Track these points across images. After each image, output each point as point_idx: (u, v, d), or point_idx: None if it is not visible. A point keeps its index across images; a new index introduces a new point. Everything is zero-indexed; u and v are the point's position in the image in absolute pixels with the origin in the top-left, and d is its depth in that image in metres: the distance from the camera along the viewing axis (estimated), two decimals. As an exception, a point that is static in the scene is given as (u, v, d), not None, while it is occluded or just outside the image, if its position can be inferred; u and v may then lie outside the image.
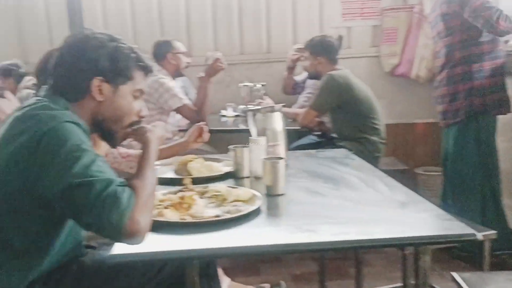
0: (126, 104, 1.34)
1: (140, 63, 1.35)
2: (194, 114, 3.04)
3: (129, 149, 2.14)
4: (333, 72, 2.90)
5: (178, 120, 3.29)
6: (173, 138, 3.01)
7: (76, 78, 1.28)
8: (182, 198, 1.38)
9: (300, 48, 3.40)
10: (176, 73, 3.28)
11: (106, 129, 1.35)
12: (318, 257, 2.54)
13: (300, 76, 3.73)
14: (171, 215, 1.32)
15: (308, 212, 1.41)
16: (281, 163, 1.55)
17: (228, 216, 1.33)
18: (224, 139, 3.57)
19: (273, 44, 4.01)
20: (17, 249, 1.20)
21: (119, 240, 1.08)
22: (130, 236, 1.06)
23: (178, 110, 3.06)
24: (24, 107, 1.25)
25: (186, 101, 3.08)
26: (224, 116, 3.67)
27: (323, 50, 3.02)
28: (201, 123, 2.14)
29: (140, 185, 1.15)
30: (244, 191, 1.48)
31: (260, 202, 1.42)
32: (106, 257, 1.15)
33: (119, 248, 1.13)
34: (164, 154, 1.98)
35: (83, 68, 1.27)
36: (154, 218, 1.23)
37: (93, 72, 1.27)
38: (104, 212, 1.04)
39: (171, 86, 3.04)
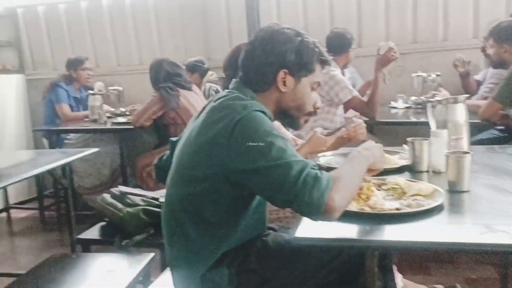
0: (306, 95, 1.44)
1: (321, 57, 1.43)
2: (364, 105, 3.01)
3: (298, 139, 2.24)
4: (523, 60, 2.60)
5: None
6: (339, 129, 3.03)
7: (264, 70, 1.39)
8: (360, 188, 1.39)
9: (485, 36, 3.07)
10: (344, 66, 3.29)
11: (288, 116, 1.47)
12: (497, 262, 2.32)
13: (480, 74, 3.41)
14: (350, 205, 1.34)
15: (497, 211, 1.30)
16: (467, 158, 1.46)
17: (409, 210, 1.30)
18: (392, 132, 3.48)
19: (451, 31, 3.75)
20: (210, 224, 1.35)
21: (314, 216, 1.15)
22: (327, 213, 1.13)
23: (348, 103, 3.06)
24: (219, 98, 1.40)
25: (356, 93, 3.06)
26: (394, 107, 3.55)
27: (511, 37, 2.72)
28: (359, 121, 2.14)
29: (338, 174, 1.22)
30: (425, 186, 1.43)
31: (442, 198, 1.35)
32: (290, 239, 1.22)
33: (302, 232, 1.20)
34: (331, 144, 2.04)
35: (271, 61, 1.38)
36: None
37: (280, 65, 1.38)
38: (305, 190, 1.13)
39: (341, 78, 3.05)
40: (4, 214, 4.15)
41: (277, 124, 1.83)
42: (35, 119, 4.68)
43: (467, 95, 2.01)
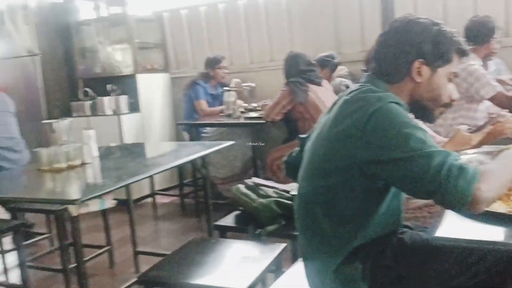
0: (442, 86, 1.38)
1: (460, 47, 1.37)
2: (510, 101, 2.75)
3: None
4: None
5: (488, 106, 3.03)
6: (484, 125, 2.80)
7: (398, 60, 1.36)
8: (510, 189, 1.28)
9: None
10: (486, 57, 3.01)
11: (422, 108, 1.41)
12: None
13: None
14: (498, 207, 1.25)
15: None
16: None
17: None
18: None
19: None
20: (343, 217, 1.35)
21: (459, 207, 1.11)
22: (472, 205, 1.09)
23: (491, 99, 2.82)
24: (352, 91, 1.39)
25: (500, 88, 2.80)
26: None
27: None
28: (507, 115, 1.97)
29: (486, 167, 1.16)
30: None
31: None
32: (429, 238, 1.18)
33: (444, 231, 1.15)
34: (477, 142, 1.90)
35: (406, 51, 1.34)
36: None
37: (415, 55, 1.34)
38: (450, 179, 1.09)
39: (481, 73, 2.81)
40: (150, 199, 4.62)
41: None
42: (177, 114, 5.10)
43: None
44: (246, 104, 4.34)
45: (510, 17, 3.62)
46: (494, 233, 1.16)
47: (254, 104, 4.29)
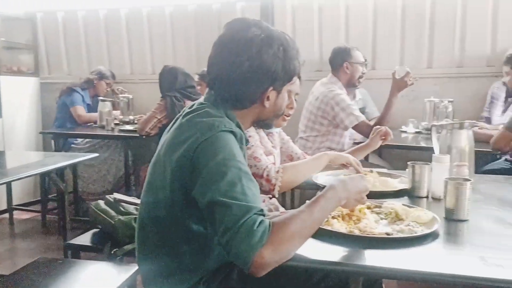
0: (284, 102, 1.38)
1: (299, 68, 1.36)
2: (370, 129, 2.94)
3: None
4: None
5: (353, 133, 3.23)
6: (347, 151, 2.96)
7: (250, 89, 1.28)
8: (352, 210, 1.33)
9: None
10: (350, 84, 3.16)
11: (263, 123, 1.42)
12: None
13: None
14: (338, 226, 1.28)
15: (496, 244, 1.23)
16: (467, 185, 1.38)
17: (401, 235, 1.23)
18: (402, 156, 3.39)
19: (467, 58, 3.67)
20: (182, 251, 1.25)
21: (243, 267, 1.04)
22: (253, 270, 1.03)
23: (354, 128, 2.99)
24: (189, 112, 1.29)
25: (362, 117, 2.98)
26: (404, 131, 3.48)
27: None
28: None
29: (285, 221, 1.07)
30: (425, 214, 1.35)
31: (437, 225, 1.28)
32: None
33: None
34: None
35: (259, 81, 1.27)
36: (322, 226, 1.20)
37: (269, 84, 1.29)
38: (235, 240, 1.02)
39: (347, 104, 2.95)
40: (6, 215, 4.15)
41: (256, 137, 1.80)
42: (46, 122, 4.70)
43: (474, 121, 1.94)
44: (122, 116, 4.15)
45: (376, 52, 3.92)
46: (335, 253, 1.17)
47: (131, 117, 4.12)
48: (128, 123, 4.02)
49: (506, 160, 2.91)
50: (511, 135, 2.58)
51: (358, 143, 2.77)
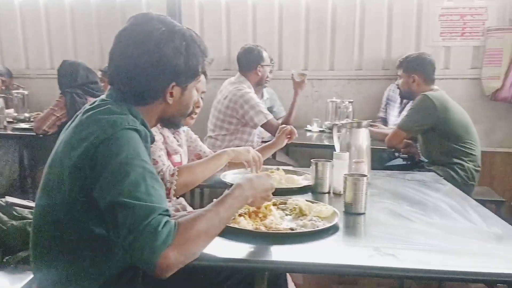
0: (190, 99, 1.36)
1: (205, 63, 1.34)
2: (277, 128, 3.02)
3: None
4: (428, 93, 2.74)
5: (261, 131, 3.29)
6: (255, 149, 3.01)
7: (151, 84, 1.24)
8: (258, 207, 1.35)
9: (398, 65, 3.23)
10: (259, 84, 3.23)
11: (170, 121, 1.38)
12: (397, 285, 2.39)
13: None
14: (245, 224, 1.30)
15: (389, 235, 1.32)
16: (363, 180, 1.47)
17: (303, 230, 1.28)
18: (307, 154, 3.53)
19: (365, 62, 3.91)
20: (80, 256, 1.19)
21: (147, 270, 1.01)
22: (158, 272, 0.99)
23: (263, 126, 3.05)
24: (89, 109, 1.24)
25: (271, 116, 3.06)
26: (309, 130, 3.62)
27: (419, 68, 2.87)
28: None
29: (191, 221, 1.05)
30: (326, 208, 1.42)
31: (337, 218, 1.35)
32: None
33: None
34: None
35: (160, 76, 1.24)
36: (228, 224, 1.21)
37: (170, 79, 1.26)
38: (139, 242, 0.98)
39: (256, 102, 3.02)
40: None
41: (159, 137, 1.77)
42: None
43: (371, 121, 2.07)
44: (16, 114, 3.85)
45: (282, 53, 4.03)
46: (241, 250, 1.18)
47: (27, 114, 3.84)
48: (23, 121, 3.74)
49: (399, 157, 3.14)
50: (403, 133, 2.80)
51: (266, 142, 2.83)
